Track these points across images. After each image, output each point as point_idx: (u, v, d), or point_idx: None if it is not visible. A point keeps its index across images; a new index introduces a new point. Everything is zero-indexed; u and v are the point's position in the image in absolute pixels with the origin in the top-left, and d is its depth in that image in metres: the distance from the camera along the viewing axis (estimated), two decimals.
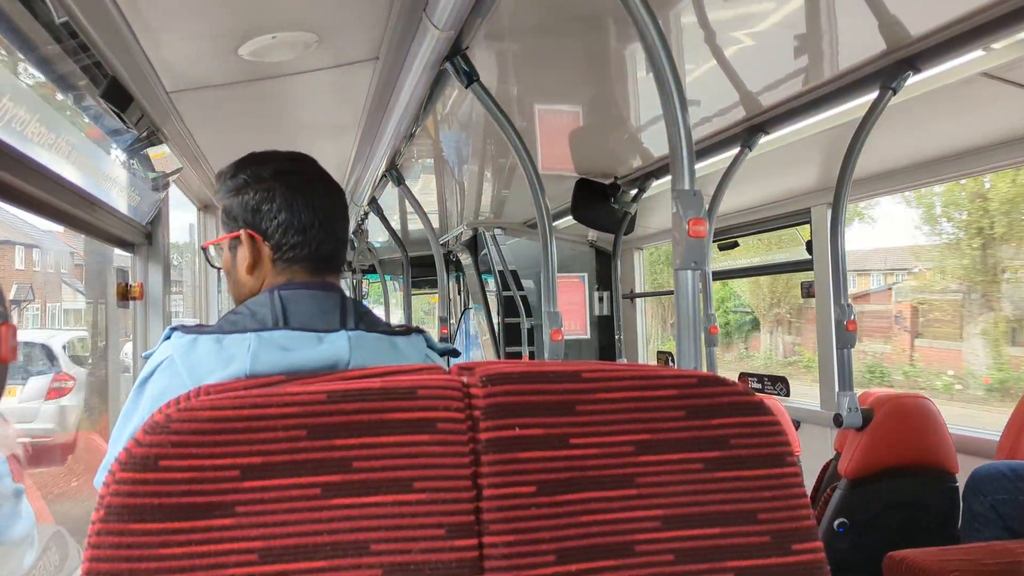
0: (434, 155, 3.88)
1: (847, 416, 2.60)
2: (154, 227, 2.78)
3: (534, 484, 0.71)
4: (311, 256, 1.19)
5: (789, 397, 4.01)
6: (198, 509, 0.66)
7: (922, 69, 2.28)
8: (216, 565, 0.65)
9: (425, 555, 0.68)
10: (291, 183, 1.19)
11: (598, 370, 0.75)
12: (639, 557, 0.73)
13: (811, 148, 3.24)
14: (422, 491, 0.69)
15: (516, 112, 2.99)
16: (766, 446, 0.77)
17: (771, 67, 2.54)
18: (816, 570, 0.76)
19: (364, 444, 0.69)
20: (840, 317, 2.74)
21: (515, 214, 5.51)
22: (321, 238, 1.19)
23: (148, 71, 2.02)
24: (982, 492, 2.40)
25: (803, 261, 3.75)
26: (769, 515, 0.76)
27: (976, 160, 2.79)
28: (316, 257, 1.19)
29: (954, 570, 2.04)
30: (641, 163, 3.99)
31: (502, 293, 5.55)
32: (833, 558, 0.78)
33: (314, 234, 1.18)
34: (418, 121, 2.77)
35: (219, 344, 1.02)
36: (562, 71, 2.62)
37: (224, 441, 0.67)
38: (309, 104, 2.77)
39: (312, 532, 0.67)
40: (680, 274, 1.38)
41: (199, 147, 2.99)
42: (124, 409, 1.05)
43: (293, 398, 0.69)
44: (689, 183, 1.38)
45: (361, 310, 1.15)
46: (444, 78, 2.25)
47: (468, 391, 0.72)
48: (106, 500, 0.65)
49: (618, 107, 3.07)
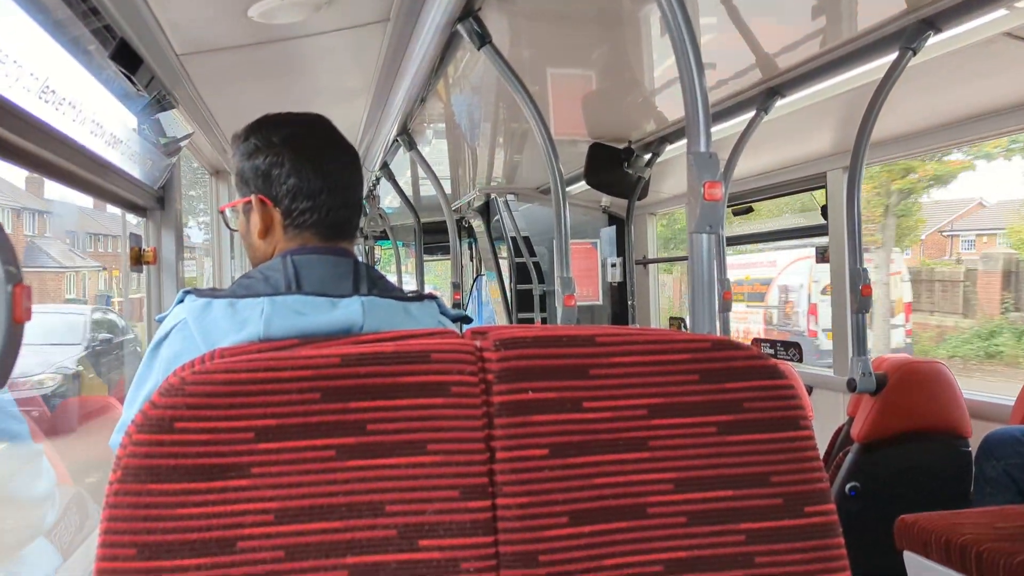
0: (446, 119, 3.85)
1: (861, 381, 2.59)
2: (166, 192, 2.78)
3: (547, 447, 0.71)
4: (322, 222, 1.18)
5: (802, 362, 4.00)
6: (214, 470, 0.66)
7: (943, 29, 2.23)
8: (233, 525, 0.66)
9: (439, 516, 0.69)
10: (301, 148, 1.18)
11: (612, 334, 0.75)
12: (652, 519, 0.73)
13: (827, 111, 3.19)
14: (436, 453, 0.70)
15: (529, 75, 2.95)
16: (780, 410, 0.77)
17: (789, 28, 2.50)
18: (828, 532, 0.76)
19: (378, 407, 0.69)
20: (856, 281, 2.72)
21: (528, 180, 5.48)
22: (331, 204, 1.18)
23: (157, 33, 2.01)
24: (995, 456, 2.40)
25: (818, 226, 3.72)
26: (782, 478, 0.76)
27: (997, 122, 2.75)
28: (327, 223, 1.19)
29: (967, 533, 2.05)
30: (655, 127, 3.95)
31: (514, 259, 5.54)
32: (844, 521, 0.78)
33: (324, 200, 1.18)
34: (430, 84, 2.75)
35: (232, 308, 1.02)
36: (576, 33, 2.58)
37: (239, 403, 0.67)
38: (320, 67, 2.74)
39: (327, 493, 0.68)
40: (695, 238, 1.37)
41: (210, 111, 2.97)
42: (139, 371, 1.06)
43: (307, 361, 0.69)
44: (705, 145, 1.37)
45: (374, 276, 1.15)
46: (456, 40, 2.22)
47: (481, 355, 0.72)
48: (123, 461, 0.65)
49: (632, 70, 3.03)
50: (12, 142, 1.49)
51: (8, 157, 1.50)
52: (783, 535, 0.75)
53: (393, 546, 0.68)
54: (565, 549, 0.71)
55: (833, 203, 3.54)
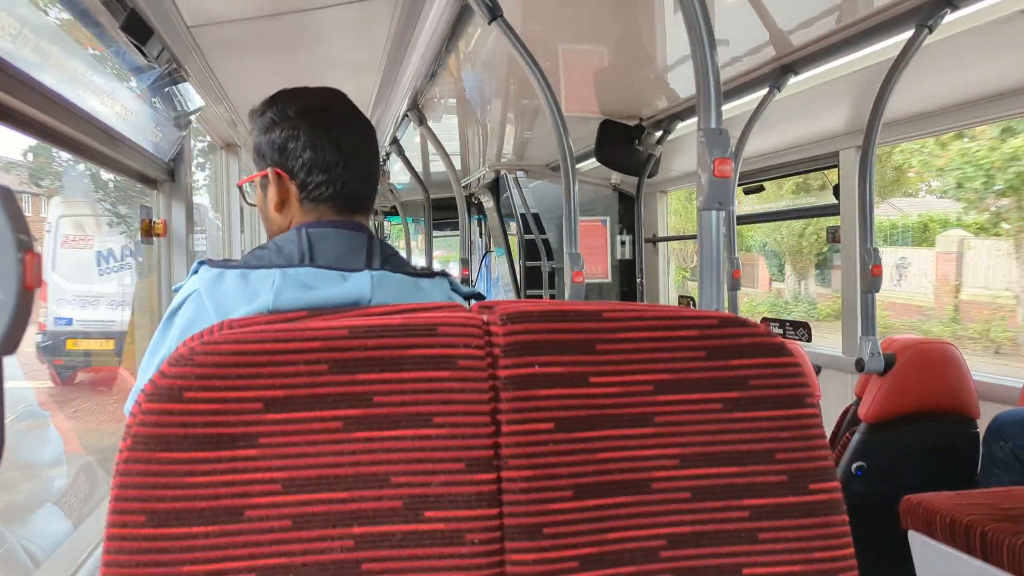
0: (456, 95, 3.83)
1: (869, 361, 2.59)
2: (176, 164, 2.78)
3: (552, 421, 0.72)
4: (337, 195, 1.19)
5: (811, 342, 4.00)
6: (222, 440, 0.67)
7: (960, 6, 2.20)
8: (241, 494, 0.67)
9: (445, 488, 0.69)
10: (316, 121, 1.18)
11: (619, 310, 0.75)
12: (656, 494, 0.74)
13: (840, 89, 3.16)
14: (442, 426, 0.70)
15: (540, 51, 2.93)
16: (785, 387, 0.77)
17: (804, 5, 2.47)
18: (833, 508, 0.76)
19: (385, 379, 0.70)
20: (866, 261, 2.71)
21: (538, 156, 5.46)
22: (347, 177, 1.19)
23: (168, 3, 2.00)
24: (1003, 437, 2.40)
25: (829, 206, 3.70)
26: (787, 455, 0.76)
27: (1015, 102, 2.71)
28: (342, 196, 1.19)
29: (972, 514, 2.05)
30: (667, 104, 3.92)
31: (524, 236, 5.54)
32: (849, 501, 0.79)
33: (339, 173, 1.18)
34: (440, 59, 2.73)
35: (244, 279, 1.03)
36: (588, 8, 2.56)
37: (247, 374, 0.67)
38: (330, 41, 2.73)
39: (334, 464, 0.68)
40: (704, 214, 1.36)
41: (221, 85, 2.97)
42: (153, 340, 1.08)
43: (315, 333, 0.69)
44: (716, 121, 1.36)
45: (388, 252, 1.15)
46: (467, 14, 2.21)
47: (488, 329, 0.72)
48: (133, 430, 0.66)
49: (644, 46, 3.01)
50: (21, 110, 1.49)
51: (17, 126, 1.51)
52: (787, 511, 0.75)
53: (399, 517, 0.69)
54: (569, 522, 0.71)
55: (845, 182, 3.51)
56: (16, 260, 0.48)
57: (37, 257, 0.49)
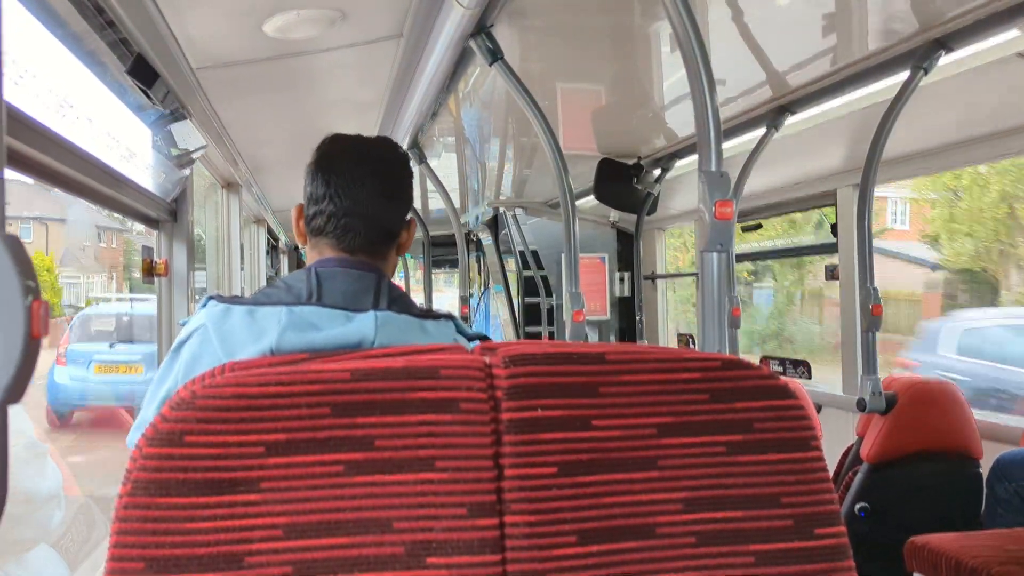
0: (456, 133, 3.87)
1: (871, 400, 2.58)
2: (178, 204, 2.80)
3: (556, 465, 0.71)
4: (331, 229, 1.21)
5: (811, 380, 3.98)
6: (224, 484, 0.66)
7: (954, 49, 2.23)
8: (241, 540, 0.66)
9: (447, 533, 0.69)
10: (320, 159, 1.25)
11: (622, 352, 0.75)
12: (661, 539, 0.73)
13: (838, 129, 3.19)
14: (444, 470, 0.69)
15: (540, 90, 2.96)
16: (790, 430, 0.76)
17: (799, 46, 2.50)
18: (839, 554, 0.75)
19: (387, 423, 0.69)
20: (866, 300, 2.71)
21: (536, 194, 5.49)
22: (333, 210, 1.20)
23: (174, 48, 2.03)
24: (1007, 478, 2.38)
25: (827, 244, 3.71)
26: (792, 499, 0.75)
27: (1010, 142, 2.74)
28: (337, 231, 1.21)
29: (977, 556, 2.03)
30: (665, 143, 3.96)
31: (522, 273, 5.55)
32: (854, 542, 0.78)
33: (326, 206, 1.21)
34: (441, 99, 2.76)
35: (251, 316, 1.04)
36: (587, 49, 2.59)
37: (249, 418, 0.67)
38: (332, 82, 2.76)
39: (336, 509, 0.68)
40: (705, 256, 1.37)
41: (223, 124, 2.99)
42: (159, 372, 1.09)
43: (317, 376, 0.69)
44: (716, 164, 1.37)
45: (395, 293, 1.16)
46: (468, 56, 2.24)
47: (491, 371, 0.72)
48: (133, 475, 0.66)
49: (643, 86, 3.04)
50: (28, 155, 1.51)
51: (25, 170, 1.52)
52: (793, 557, 0.74)
53: (400, 563, 0.68)
54: (573, 568, 0.70)
55: (843, 221, 3.53)
56: (23, 308, 0.48)
57: (44, 304, 0.49)
